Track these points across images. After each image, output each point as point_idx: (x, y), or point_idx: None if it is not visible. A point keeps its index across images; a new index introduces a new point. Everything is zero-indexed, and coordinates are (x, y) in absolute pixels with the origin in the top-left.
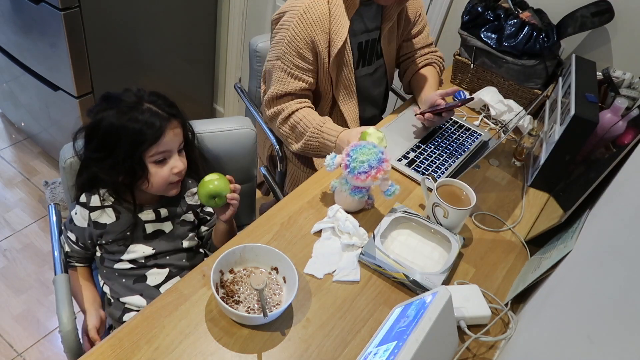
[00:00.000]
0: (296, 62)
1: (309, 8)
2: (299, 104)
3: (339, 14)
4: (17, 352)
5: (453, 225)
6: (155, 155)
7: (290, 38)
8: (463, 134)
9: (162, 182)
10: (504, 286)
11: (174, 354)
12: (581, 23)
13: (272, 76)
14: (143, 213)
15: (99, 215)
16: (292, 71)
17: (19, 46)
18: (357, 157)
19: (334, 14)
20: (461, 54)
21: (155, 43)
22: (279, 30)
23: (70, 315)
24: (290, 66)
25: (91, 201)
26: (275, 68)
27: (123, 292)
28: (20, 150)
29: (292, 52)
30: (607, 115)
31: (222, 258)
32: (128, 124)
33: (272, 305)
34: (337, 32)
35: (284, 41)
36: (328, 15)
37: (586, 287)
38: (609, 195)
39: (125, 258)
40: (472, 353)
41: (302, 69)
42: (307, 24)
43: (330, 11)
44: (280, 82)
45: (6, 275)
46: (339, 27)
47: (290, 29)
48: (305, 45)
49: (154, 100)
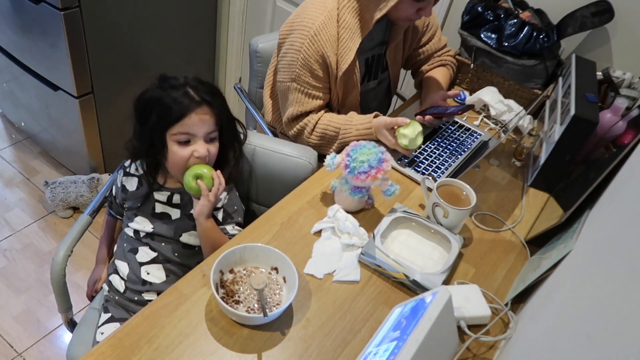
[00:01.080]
0: (311, 82)
1: (319, 30)
2: (319, 115)
3: (347, 38)
4: (17, 352)
5: (453, 225)
6: (178, 135)
7: (304, 60)
8: (463, 134)
9: (180, 162)
10: (504, 286)
11: (174, 354)
12: (581, 23)
13: (289, 98)
14: (159, 192)
15: (127, 180)
16: (308, 91)
17: (19, 46)
18: (357, 157)
19: (342, 38)
20: (461, 54)
21: (155, 43)
22: (289, 51)
23: (67, 251)
24: (306, 87)
25: (129, 168)
26: (291, 90)
27: (119, 255)
28: (20, 150)
29: (307, 73)
30: (607, 115)
31: (222, 258)
32: (161, 99)
33: (272, 305)
34: (344, 55)
35: (297, 64)
36: (337, 39)
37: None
38: (609, 195)
39: (131, 226)
40: (472, 353)
41: (317, 88)
42: (318, 45)
43: (339, 35)
44: (298, 103)
45: (6, 275)
46: (345, 50)
47: (302, 51)
48: (318, 64)
49: (196, 85)
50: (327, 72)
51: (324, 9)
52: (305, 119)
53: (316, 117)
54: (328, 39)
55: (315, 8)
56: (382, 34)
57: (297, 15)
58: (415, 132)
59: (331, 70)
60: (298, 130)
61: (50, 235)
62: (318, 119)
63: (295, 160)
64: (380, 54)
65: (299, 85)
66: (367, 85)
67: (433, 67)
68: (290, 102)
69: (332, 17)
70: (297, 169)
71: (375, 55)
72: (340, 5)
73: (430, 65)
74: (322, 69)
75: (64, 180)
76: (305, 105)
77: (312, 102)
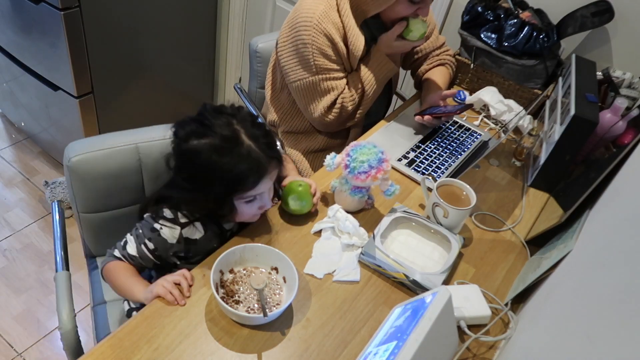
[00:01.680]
0: (332, 67)
1: (321, 18)
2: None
3: (352, 25)
4: (17, 352)
5: (453, 225)
6: (247, 197)
7: (317, 50)
8: (463, 134)
9: (246, 218)
10: (504, 286)
11: (174, 354)
12: (581, 23)
13: (318, 90)
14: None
15: (191, 231)
16: (333, 75)
17: (19, 46)
18: (357, 157)
19: (347, 25)
20: (461, 54)
21: (155, 43)
22: (299, 48)
23: (70, 312)
24: (330, 72)
25: (179, 217)
26: (317, 83)
27: None
28: (20, 150)
29: (324, 60)
30: (607, 115)
31: (222, 258)
32: (226, 167)
33: (272, 305)
34: (355, 42)
35: (312, 56)
36: (342, 26)
37: (586, 287)
38: (609, 195)
39: None
40: (472, 353)
41: (337, 70)
42: (324, 30)
43: (344, 22)
44: (331, 89)
45: (6, 275)
46: (355, 37)
47: (312, 43)
48: (329, 48)
49: (255, 135)
50: (339, 53)
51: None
52: (337, 100)
53: (343, 93)
54: (333, 25)
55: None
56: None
57: (295, 11)
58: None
59: (342, 54)
60: (336, 113)
61: (50, 235)
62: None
63: None
64: None
65: (323, 74)
66: None
67: (432, 67)
68: (321, 93)
69: (332, 6)
70: None
71: None
72: None
73: (430, 64)
74: (333, 51)
75: (64, 180)
76: (337, 87)
77: (341, 82)
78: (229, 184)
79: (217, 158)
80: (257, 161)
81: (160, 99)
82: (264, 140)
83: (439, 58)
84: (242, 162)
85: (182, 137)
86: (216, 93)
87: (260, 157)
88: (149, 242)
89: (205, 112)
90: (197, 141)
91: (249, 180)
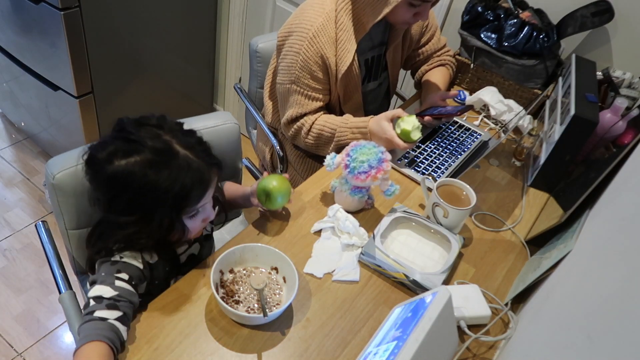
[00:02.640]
0: (311, 84)
1: (318, 32)
2: (316, 116)
3: (345, 39)
4: (17, 352)
5: (453, 225)
6: (192, 212)
7: (303, 62)
8: (463, 134)
9: (195, 233)
10: (504, 286)
11: (174, 354)
12: (581, 23)
13: (289, 99)
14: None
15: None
16: (308, 93)
17: (19, 46)
18: (357, 157)
19: (340, 39)
20: (461, 54)
21: (155, 43)
22: (288, 53)
23: None
24: (306, 89)
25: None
26: (291, 92)
27: None
28: (20, 150)
29: (307, 75)
30: (607, 115)
31: (222, 258)
32: (166, 184)
33: (272, 305)
34: (343, 57)
35: (297, 65)
36: (335, 40)
37: (586, 287)
38: (609, 195)
39: None
40: (472, 353)
41: (316, 90)
42: (317, 46)
43: (337, 36)
44: (297, 104)
45: (6, 275)
46: (344, 52)
47: (301, 53)
48: (318, 66)
49: (190, 144)
50: (327, 73)
51: (322, 11)
52: (302, 119)
53: (313, 118)
54: (327, 41)
55: (314, 10)
56: (382, 35)
57: (295, 17)
58: (416, 124)
59: (331, 72)
60: (295, 131)
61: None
62: (314, 120)
63: (222, 127)
64: (379, 55)
65: (299, 87)
66: (367, 86)
67: (432, 67)
68: (290, 104)
69: (331, 19)
70: (228, 135)
71: (375, 56)
72: (338, 7)
73: (430, 65)
74: (322, 71)
75: None
76: (304, 107)
77: (312, 104)
78: (174, 202)
79: (154, 175)
80: (199, 171)
81: (160, 99)
82: (200, 148)
83: (439, 59)
84: (182, 175)
85: (104, 160)
86: (216, 93)
87: (201, 166)
88: (120, 273)
89: (125, 126)
90: (125, 161)
91: (193, 194)
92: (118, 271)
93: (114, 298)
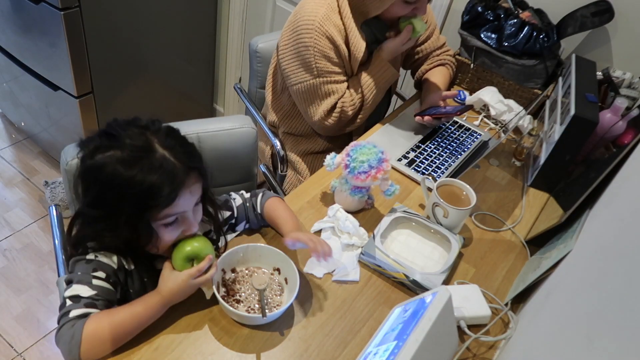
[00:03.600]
0: (334, 70)
1: (323, 20)
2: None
3: (353, 28)
4: (17, 352)
5: (453, 225)
6: (166, 219)
7: (319, 52)
8: (463, 134)
9: (168, 245)
10: (504, 286)
11: (174, 354)
12: (581, 23)
13: (319, 93)
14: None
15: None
16: (335, 78)
17: (19, 46)
18: (357, 157)
19: (349, 27)
20: (461, 54)
21: (155, 43)
22: (301, 51)
23: None
24: (332, 75)
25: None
26: (318, 85)
27: None
28: (20, 150)
29: (326, 62)
30: (607, 115)
31: (224, 257)
32: (135, 180)
33: (272, 306)
34: (356, 44)
35: (314, 59)
36: (344, 28)
37: (586, 287)
38: (609, 195)
39: None
40: (472, 353)
41: (339, 73)
42: (326, 33)
43: (345, 24)
44: (332, 93)
45: (6, 275)
46: (356, 40)
47: (314, 45)
48: (331, 50)
49: (170, 145)
50: (340, 56)
51: (323, 2)
52: (339, 103)
53: (346, 95)
54: (335, 27)
55: (314, 2)
56: (382, 30)
57: (296, 14)
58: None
59: (342, 53)
60: (337, 117)
61: (50, 235)
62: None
63: (239, 130)
64: None
65: (325, 77)
66: None
67: (432, 67)
68: (322, 96)
69: (334, 9)
70: (244, 138)
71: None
72: None
73: (430, 64)
74: (335, 53)
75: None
76: (338, 91)
77: (342, 86)
78: (140, 199)
79: (123, 170)
80: (171, 171)
81: (160, 99)
82: (182, 150)
83: (439, 58)
84: (152, 173)
85: (87, 155)
86: (216, 93)
87: (176, 166)
88: (96, 272)
89: (114, 124)
90: (101, 155)
91: (162, 194)
92: (94, 269)
93: (92, 297)
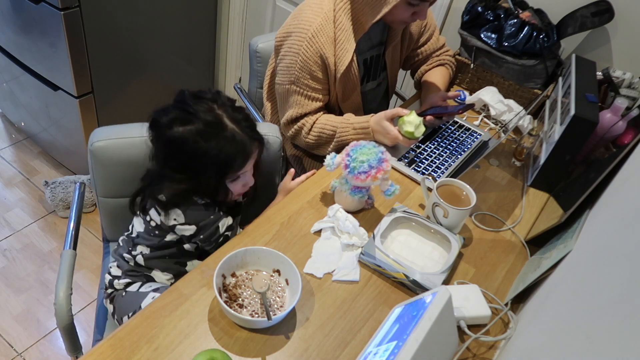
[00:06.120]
0: (310, 84)
1: (317, 32)
2: (316, 116)
3: (344, 39)
4: (17, 352)
5: (453, 225)
6: (234, 177)
7: (303, 62)
8: (463, 134)
9: (235, 196)
10: (504, 286)
11: (174, 354)
12: (581, 23)
13: (288, 100)
14: None
15: None
16: (307, 93)
17: (19, 46)
18: (357, 157)
19: (339, 39)
20: (461, 54)
21: (155, 43)
22: (288, 54)
23: (67, 290)
24: (306, 89)
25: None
26: (291, 92)
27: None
28: (20, 150)
29: (306, 75)
30: (607, 115)
31: (224, 262)
32: (213, 152)
33: (275, 308)
34: (341, 57)
35: (296, 66)
36: (334, 40)
37: (586, 287)
38: (609, 195)
39: None
40: (472, 353)
41: (316, 90)
42: (316, 46)
43: (336, 36)
44: (297, 105)
45: (6, 275)
46: (343, 51)
47: (300, 54)
48: (317, 66)
49: (237, 119)
50: (326, 73)
51: (320, 11)
52: (302, 120)
53: (313, 118)
54: (326, 40)
55: (312, 10)
56: (380, 35)
57: (293, 18)
58: (418, 120)
59: (330, 72)
60: (295, 131)
61: (50, 235)
62: (315, 120)
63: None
64: (379, 55)
65: (299, 87)
66: (366, 86)
67: (432, 67)
68: (290, 104)
69: (329, 19)
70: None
71: (374, 55)
72: (337, 7)
73: (429, 65)
74: (321, 71)
75: (64, 180)
76: (304, 107)
77: (312, 104)
78: (219, 167)
79: (204, 143)
80: (242, 143)
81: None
82: (246, 124)
83: (439, 59)
84: (228, 145)
85: (165, 124)
86: None
87: (245, 139)
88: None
89: (185, 98)
90: (182, 128)
91: (236, 162)
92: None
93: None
